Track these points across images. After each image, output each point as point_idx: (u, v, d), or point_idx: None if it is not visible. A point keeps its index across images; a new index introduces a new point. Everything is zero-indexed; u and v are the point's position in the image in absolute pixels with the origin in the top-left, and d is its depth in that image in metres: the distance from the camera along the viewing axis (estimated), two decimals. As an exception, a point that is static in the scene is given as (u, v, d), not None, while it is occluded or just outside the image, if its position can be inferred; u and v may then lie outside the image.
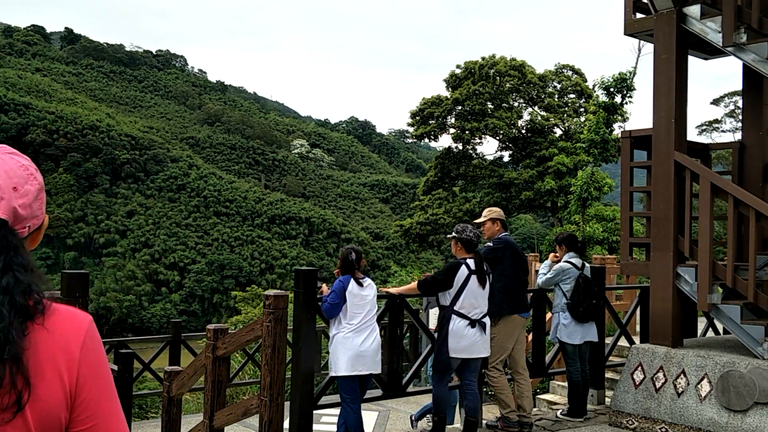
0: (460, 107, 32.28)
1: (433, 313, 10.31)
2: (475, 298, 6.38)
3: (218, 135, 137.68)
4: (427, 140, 33.34)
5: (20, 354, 1.27)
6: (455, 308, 6.37)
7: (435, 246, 34.70)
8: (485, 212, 7.65)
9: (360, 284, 6.41)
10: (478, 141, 33.47)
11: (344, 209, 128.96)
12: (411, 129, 33.71)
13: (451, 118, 33.04)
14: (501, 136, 33.10)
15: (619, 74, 16.69)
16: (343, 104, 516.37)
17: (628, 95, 16.72)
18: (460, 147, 33.33)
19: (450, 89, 33.42)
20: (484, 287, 6.44)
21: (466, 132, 31.94)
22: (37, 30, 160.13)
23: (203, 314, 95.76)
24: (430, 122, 33.06)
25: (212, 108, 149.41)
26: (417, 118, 33.34)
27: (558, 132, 33.58)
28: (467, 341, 6.33)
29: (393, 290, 7.10)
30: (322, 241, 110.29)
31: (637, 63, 18.04)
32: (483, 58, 33.05)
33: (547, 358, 8.50)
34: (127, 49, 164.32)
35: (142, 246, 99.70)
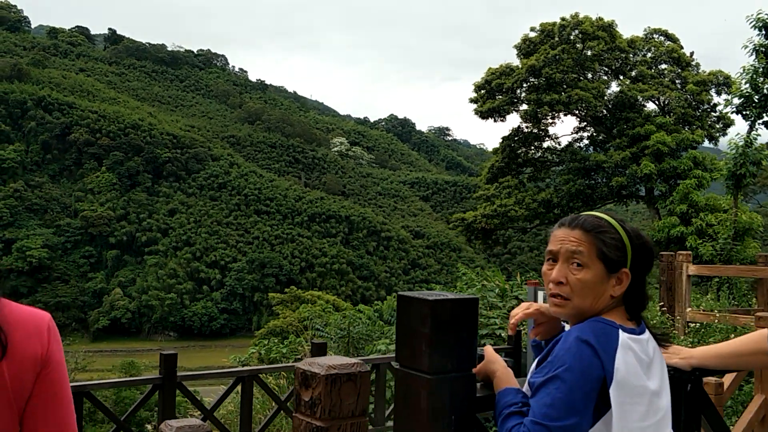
0: (534, 79, 27.59)
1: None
2: None
3: (258, 133, 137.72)
4: (492, 119, 29.05)
5: None
6: None
7: (501, 243, 30.65)
8: None
9: (645, 361, 1.95)
10: (551, 121, 28.71)
11: (384, 207, 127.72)
12: (474, 105, 29.31)
13: (522, 92, 28.20)
14: (583, 113, 28.50)
15: None
16: (382, 102, 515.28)
17: None
18: (530, 127, 28.57)
19: (521, 57, 28.50)
20: None
21: (544, 106, 26.96)
22: (81, 31, 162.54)
23: (244, 312, 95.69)
24: (498, 96, 28.21)
25: (253, 107, 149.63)
26: (482, 92, 28.63)
27: (650, 106, 28.70)
28: None
29: (689, 355, 2.41)
30: (362, 240, 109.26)
31: None
32: (563, 19, 28.17)
33: None
34: (169, 49, 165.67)
35: (183, 244, 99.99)
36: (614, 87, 28.51)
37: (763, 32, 12.84)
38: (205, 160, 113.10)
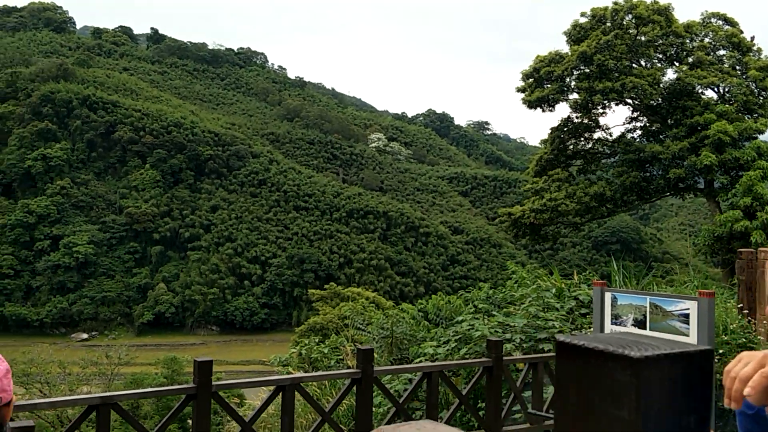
0: (584, 66, 26.20)
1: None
2: None
3: (297, 130, 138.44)
4: (540, 109, 28.00)
5: None
6: None
7: (550, 238, 29.33)
8: None
9: None
10: (602, 111, 27.36)
11: (422, 203, 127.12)
12: (522, 95, 28.33)
13: (572, 80, 26.83)
14: (637, 101, 26.88)
15: None
16: (420, 97, 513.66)
17: None
18: (580, 117, 27.11)
19: (571, 43, 27.17)
20: None
21: (596, 94, 25.50)
22: (125, 31, 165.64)
23: (284, 307, 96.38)
24: (547, 85, 26.95)
25: (292, 104, 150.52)
26: (530, 80, 27.44)
27: (709, 94, 27.02)
28: None
29: None
30: (399, 236, 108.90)
31: None
32: (616, 3, 26.75)
33: None
34: (210, 47, 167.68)
35: (225, 240, 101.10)
36: (670, 74, 27.06)
37: None
38: (246, 157, 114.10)
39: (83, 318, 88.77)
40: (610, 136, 27.80)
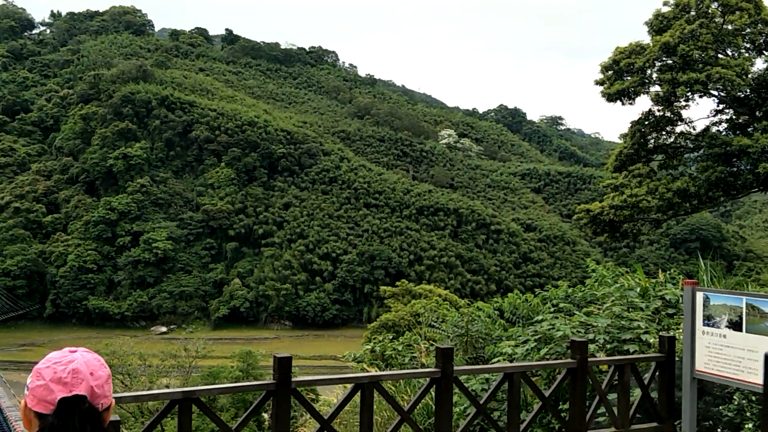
0: (667, 58, 25.07)
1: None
2: None
3: (368, 128, 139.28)
4: (620, 102, 27.30)
5: None
6: None
7: (630, 236, 28.53)
8: None
9: None
10: (685, 103, 26.99)
11: (493, 200, 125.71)
12: (601, 87, 27.68)
13: (653, 72, 25.48)
14: (723, 93, 25.61)
15: None
16: (491, 93, 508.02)
17: None
18: (662, 110, 27.29)
19: (653, 33, 25.95)
20: None
21: (679, 87, 24.11)
22: (201, 32, 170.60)
23: (355, 303, 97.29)
24: (627, 78, 25.96)
25: (362, 101, 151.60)
26: (609, 73, 26.56)
27: None
28: None
29: None
30: (470, 233, 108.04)
31: None
32: None
33: None
34: (282, 47, 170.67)
35: (297, 237, 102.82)
36: (759, 64, 25.60)
37: None
38: (317, 155, 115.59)
39: (162, 312, 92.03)
40: (694, 129, 26.53)
